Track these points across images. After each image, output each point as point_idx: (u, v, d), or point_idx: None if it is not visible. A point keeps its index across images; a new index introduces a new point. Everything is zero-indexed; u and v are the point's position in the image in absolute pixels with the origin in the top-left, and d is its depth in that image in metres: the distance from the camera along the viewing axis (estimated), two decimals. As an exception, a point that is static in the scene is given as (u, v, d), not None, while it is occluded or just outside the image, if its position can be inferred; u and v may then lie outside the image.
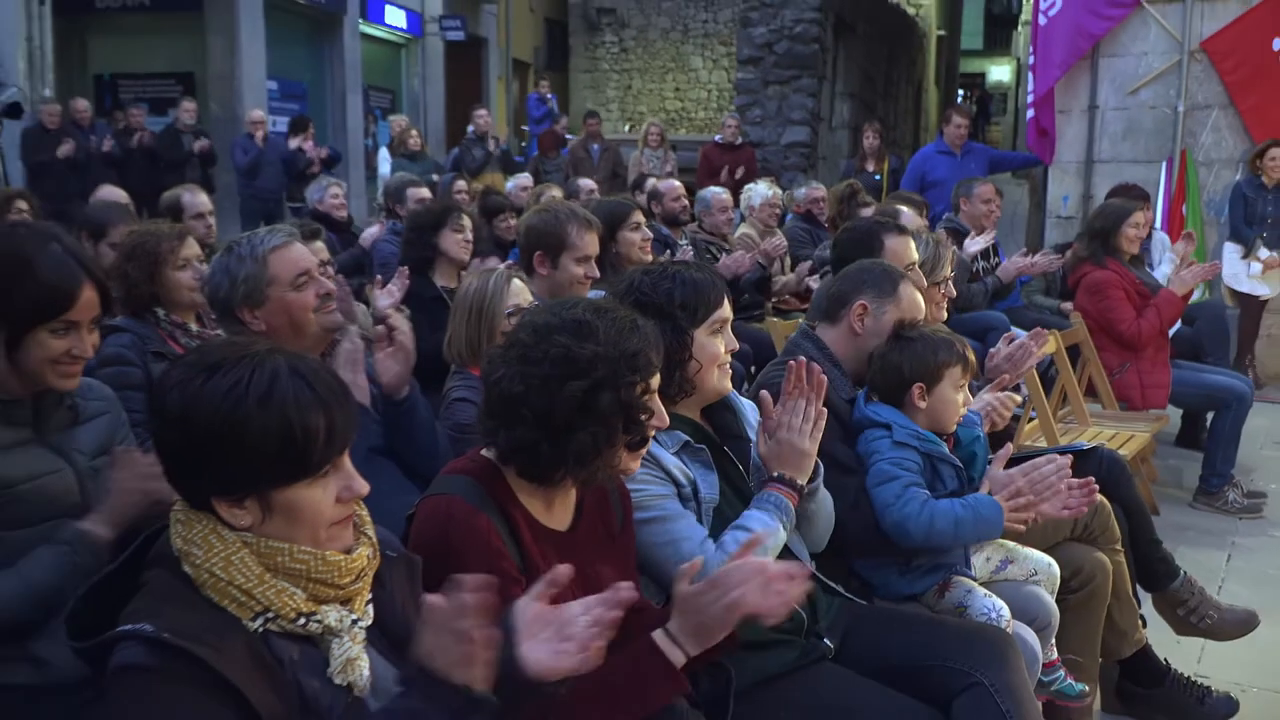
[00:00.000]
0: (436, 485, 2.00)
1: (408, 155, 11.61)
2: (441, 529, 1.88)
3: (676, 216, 6.75)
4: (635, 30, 23.55)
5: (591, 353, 1.87)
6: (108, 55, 15.83)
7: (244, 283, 2.70)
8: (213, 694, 1.39)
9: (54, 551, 2.12)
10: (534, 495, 1.99)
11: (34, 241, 2.21)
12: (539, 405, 1.87)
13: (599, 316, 1.94)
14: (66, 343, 2.17)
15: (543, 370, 1.87)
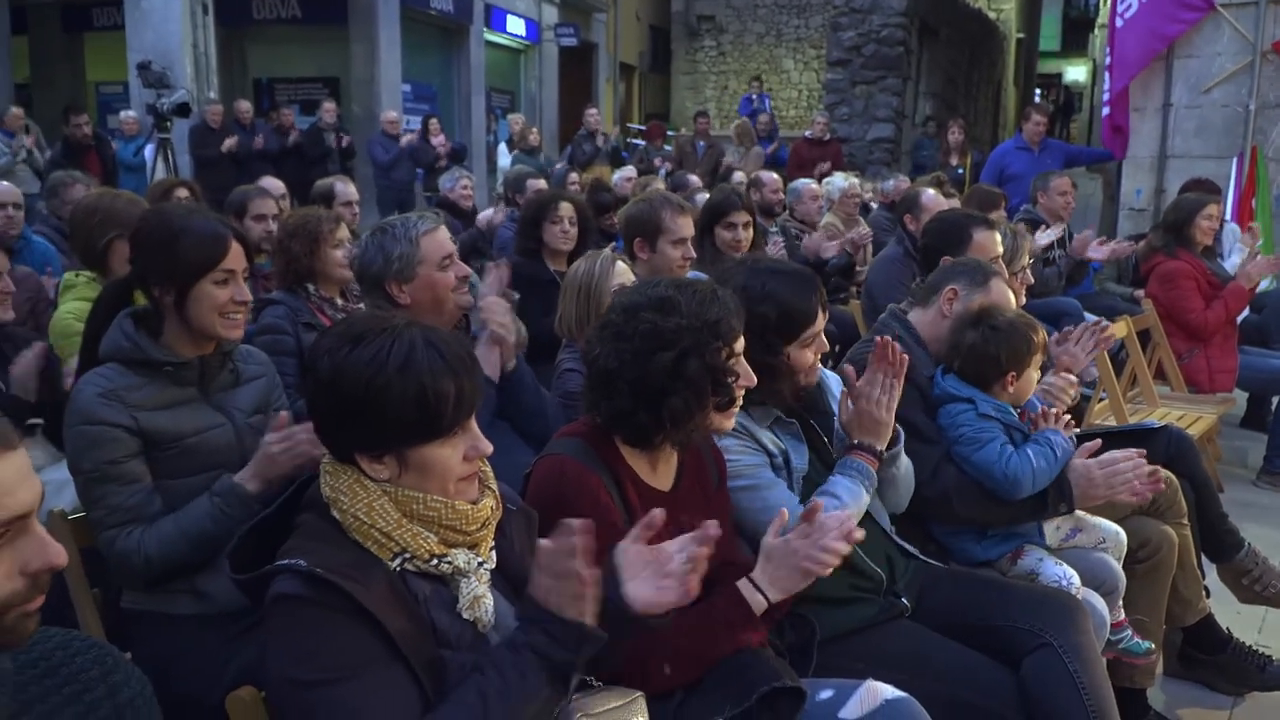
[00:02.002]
0: (552, 446, 2.02)
1: (527, 151, 11.72)
2: (556, 485, 1.91)
3: (772, 207, 6.69)
4: (732, 35, 23.34)
5: (675, 324, 1.88)
6: (264, 61, 16.25)
7: (398, 259, 2.76)
8: (357, 622, 1.43)
9: (208, 502, 2.19)
10: (639, 457, 2.01)
11: (179, 213, 2.32)
12: (633, 377, 1.89)
13: (680, 291, 1.94)
14: (228, 291, 2.25)
15: (634, 345, 1.89)
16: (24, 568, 1.12)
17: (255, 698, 1.59)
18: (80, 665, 1.30)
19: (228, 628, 2.19)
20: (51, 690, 1.26)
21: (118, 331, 2.24)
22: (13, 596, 1.12)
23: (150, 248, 2.25)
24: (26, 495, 1.13)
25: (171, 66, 11.11)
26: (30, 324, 3.92)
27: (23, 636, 1.15)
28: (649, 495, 1.98)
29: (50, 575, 1.15)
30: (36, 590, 1.14)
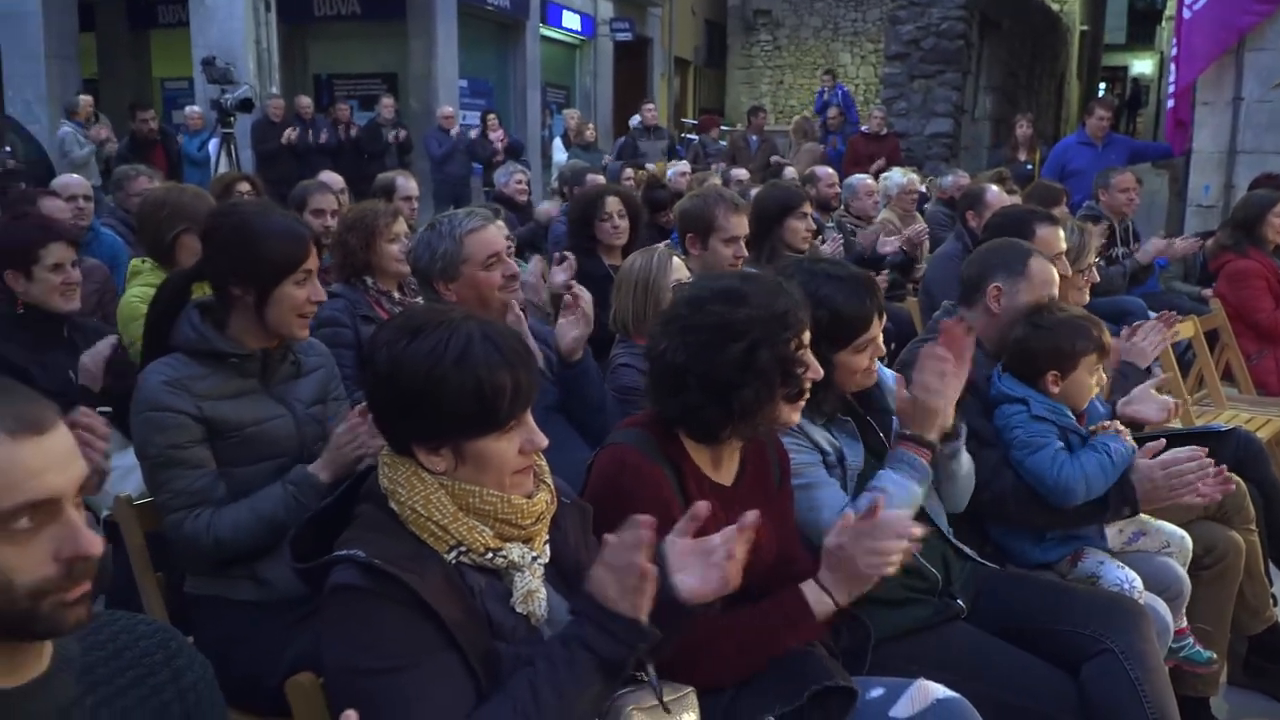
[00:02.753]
0: (614, 437, 2.02)
1: (583, 146, 11.76)
2: (617, 476, 1.91)
3: (828, 202, 6.65)
4: (789, 30, 23.18)
5: (745, 315, 1.86)
6: (324, 57, 16.48)
7: (441, 258, 2.79)
8: (414, 613, 1.44)
9: (281, 489, 2.24)
10: (701, 451, 1.99)
11: (258, 212, 2.33)
12: (702, 370, 1.86)
13: (746, 283, 1.93)
14: (306, 291, 2.28)
15: (702, 337, 1.87)
16: (56, 554, 1.12)
17: (314, 684, 1.62)
18: (145, 649, 1.33)
19: (286, 614, 2.22)
20: (117, 673, 1.28)
21: (185, 323, 2.29)
22: (45, 584, 1.12)
23: (232, 248, 2.26)
24: (57, 480, 1.12)
25: (235, 63, 11.30)
26: (98, 314, 4.03)
27: (63, 626, 1.15)
28: (711, 489, 1.97)
29: (88, 565, 1.15)
30: (72, 580, 1.13)
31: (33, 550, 1.11)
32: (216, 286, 2.32)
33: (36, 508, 1.10)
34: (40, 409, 1.14)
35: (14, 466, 1.09)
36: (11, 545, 1.10)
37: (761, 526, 1.62)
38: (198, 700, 1.35)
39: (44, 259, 3.06)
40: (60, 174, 7.56)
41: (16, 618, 1.11)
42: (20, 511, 1.09)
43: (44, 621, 1.13)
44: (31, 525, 1.10)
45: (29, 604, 1.11)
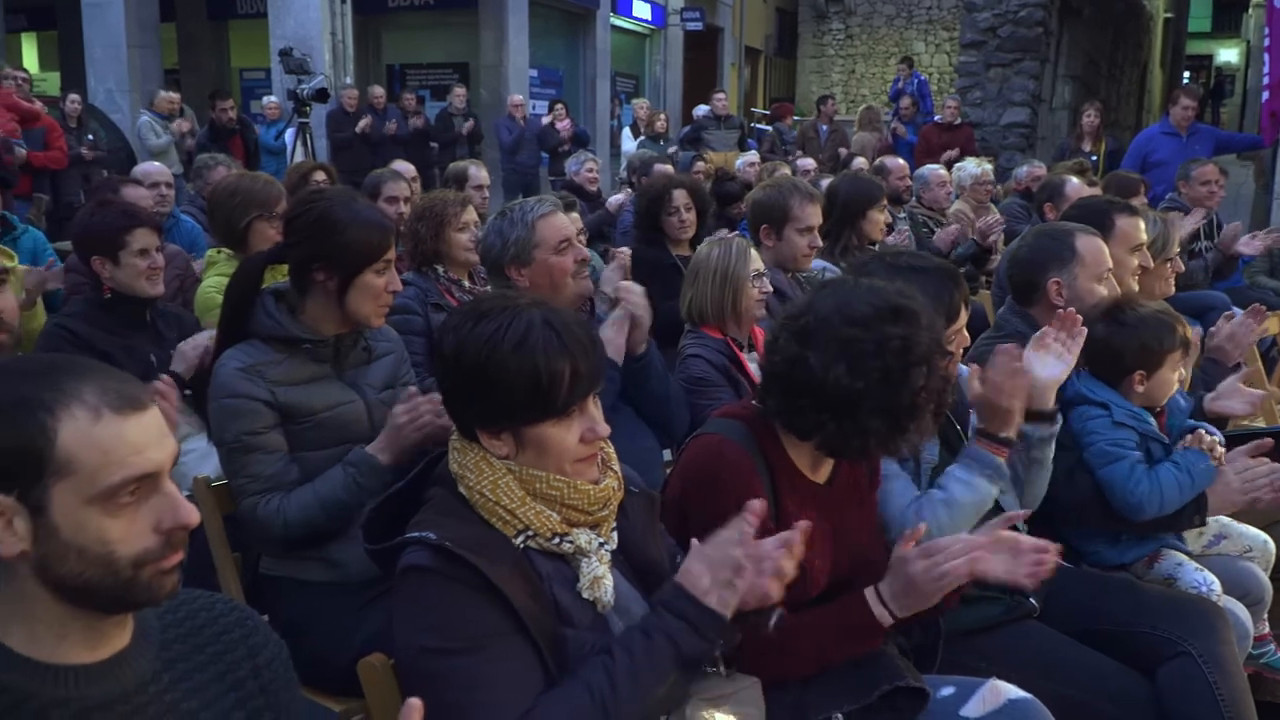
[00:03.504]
0: (712, 424, 2.00)
1: (653, 136, 11.75)
2: (712, 464, 1.90)
3: (899, 194, 6.55)
4: (861, 18, 22.90)
5: (928, 339, 1.77)
6: (397, 48, 16.70)
7: (514, 244, 2.81)
8: (484, 596, 1.46)
9: (343, 472, 2.27)
10: (800, 450, 1.96)
11: (340, 201, 2.36)
12: (883, 398, 1.75)
13: (906, 299, 1.81)
14: (385, 280, 2.32)
15: (882, 362, 1.74)
16: (156, 525, 1.16)
17: (385, 664, 1.65)
18: (223, 626, 1.36)
19: (358, 595, 2.27)
20: (195, 650, 1.32)
21: (260, 309, 2.33)
22: (146, 554, 1.16)
23: (318, 234, 2.29)
24: (157, 454, 1.16)
25: (311, 53, 11.47)
26: (178, 300, 4.13)
27: (159, 594, 1.19)
28: (803, 487, 1.95)
29: (184, 534, 1.20)
30: (170, 548, 1.18)
31: (135, 522, 1.16)
32: (297, 272, 2.35)
33: (140, 481, 1.15)
34: (139, 388, 1.19)
35: (120, 443, 1.14)
36: (116, 518, 1.14)
37: (816, 537, 1.60)
38: (272, 678, 1.38)
39: (130, 244, 3.14)
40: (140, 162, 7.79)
41: (118, 587, 1.16)
42: (125, 485, 1.14)
43: (143, 590, 1.18)
44: (134, 498, 1.15)
45: (130, 573, 1.15)
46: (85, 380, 1.15)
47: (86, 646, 1.19)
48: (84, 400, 1.13)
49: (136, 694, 1.22)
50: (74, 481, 1.12)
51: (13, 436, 1.11)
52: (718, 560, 1.48)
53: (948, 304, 2.18)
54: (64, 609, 1.17)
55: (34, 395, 1.12)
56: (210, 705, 1.30)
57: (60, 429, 1.11)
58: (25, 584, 1.15)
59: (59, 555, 1.13)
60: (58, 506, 1.12)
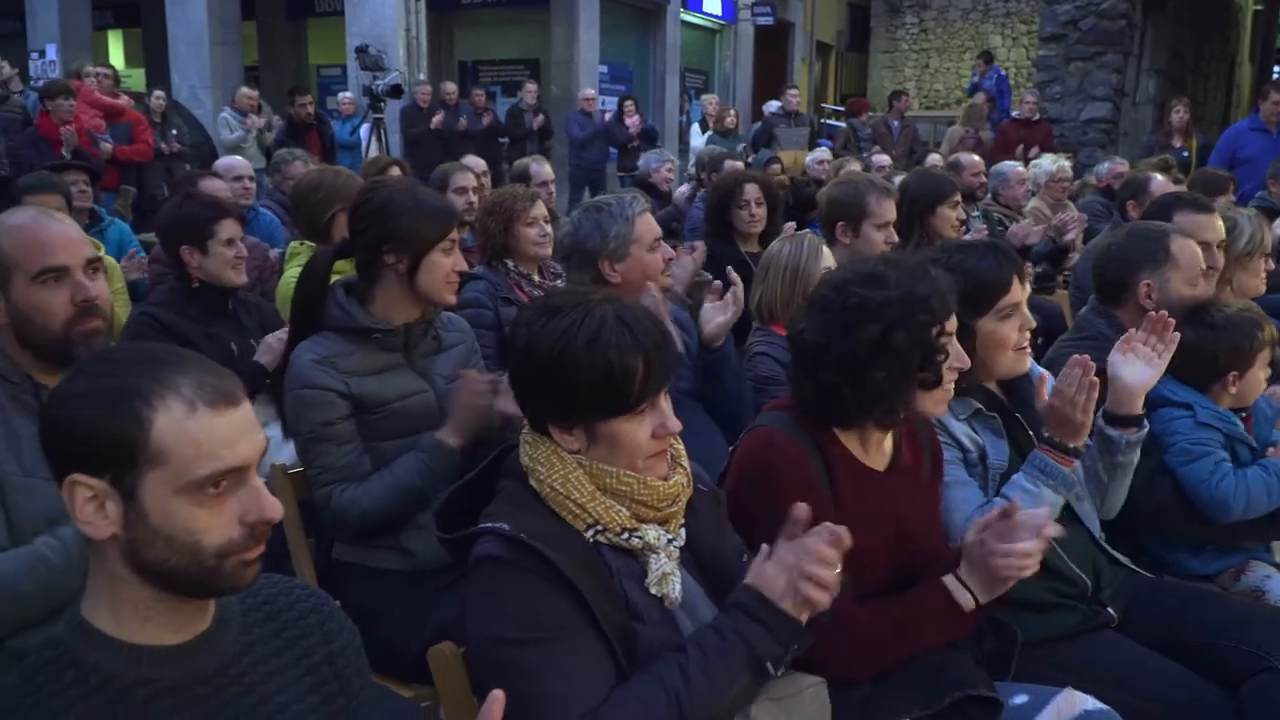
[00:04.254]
0: (761, 419, 2.01)
1: (722, 132, 11.70)
2: (763, 456, 1.89)
3: (973, 191, 6.43)
4: (936, 11, 22.52)
5: (884, 298, 1.84)
6: (470, 44, 16.87)
7: (614, 238, 2.83)
8: (555, 587, 1.47)
9: (415, 457, 2.31)
10: (851, 436, 1.96)
11: (402, 189, 2.43)
12: (838, 350, 1.85)
13: (890, 266, 1.90)
14: (451, 260, 2.38)
15: (842, 319, 1.85)
16: (242, 517, 1.19)
17: (455, 653, 1.66)
18: (299, 612, 1.39)
19: (429, 584, 2.30)
20: (272, 634, 1.35)
21: (332, 301, 2.38)
22: (230, 545, 1.19)
23: (387, 219, 2.36)
24: (246, 448, 1.19)
25: (386, 50, 11.65)
26: (257, 290, 4.22)
27: (240, 584, 1.22)
28: (861, 474, 1.93)
29: (267, 528, 1.22)
30: (253, 540, 1.21)
31: (222, 514, 1.18)
32: (365, 260, 2.40)
33: (228, 475, 1.18)
34: (233, 382, 1.22)
35: (212, 437, 1.17)
36: (203, 508, 1.17)
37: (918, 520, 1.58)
38: (346, 665, 1.41)
39: (218, 234, 3.23)
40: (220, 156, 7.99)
41: (202, 575, 1.19)
42: (214, 478, 1.17)
43: (226, 579, 1.21)
44: (222, 490, 1.18)
45: (215, 563, 1.18)
46: (183, 373, 1.18)
47: (170, 629, 1.23)
48: (180, 393, 1.16)
49: (216, 676, 1.25)
50: (165, 472, 1.15)
51: (110, 423, 1.14)
52: (794, 565, 1.48)
53: (996, 274, 2.19)
54: (149, 592, 1.20)
55: (133, 384, 1.15)
56: (286, 689, 1.32)
57: (156, 420, 1.14)
58: (114, 566, 1.19)
59: (147, 541, 1.16)
60: (148, 494, 1.15)
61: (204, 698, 1.23)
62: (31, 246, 1.85)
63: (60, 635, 1.20)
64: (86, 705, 1.15)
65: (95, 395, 1.15)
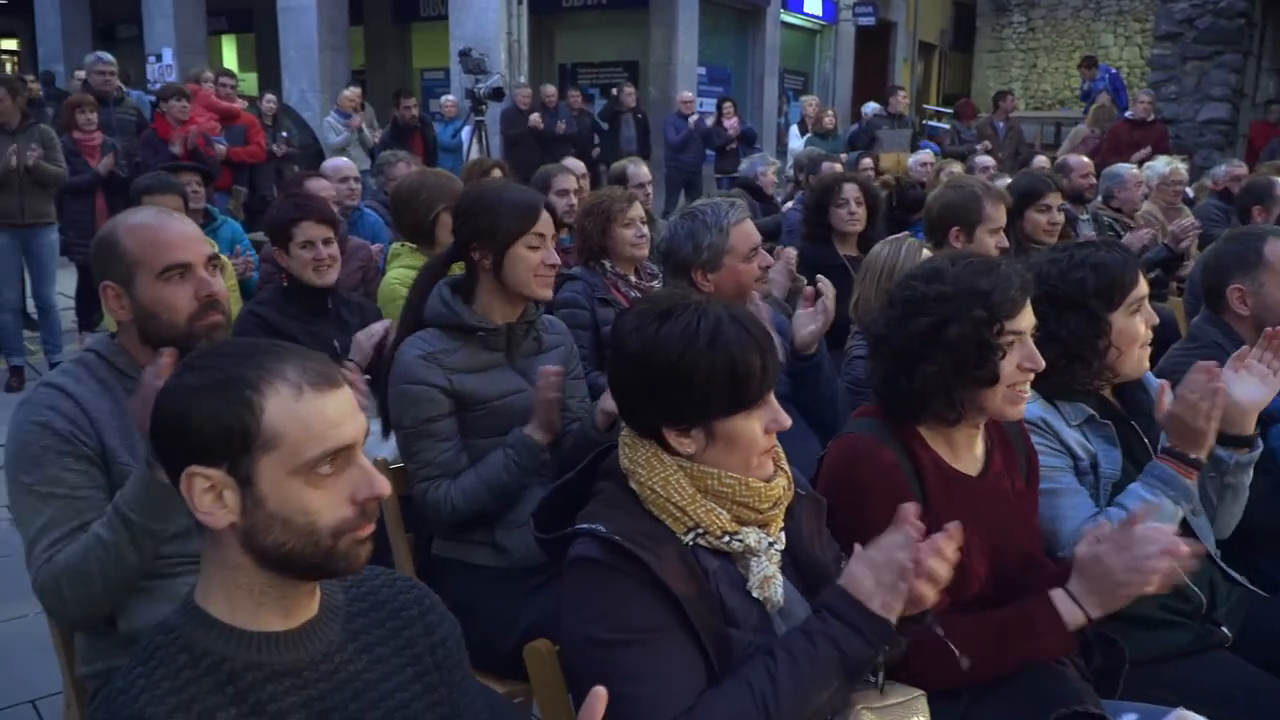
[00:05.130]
0: (848, 425, 2.01)
1: (821, 134, 11.58)
2: (849, 463, 1.88)
3: (1082, 193, 6.24)
4: (1045, 10, 21.92)
5: (938, 291, 1.85)
6: (569, 47, 17.05)
7: (707, 249, 2.83)
8: (649, 590, 1.47)
9: (502, 454, 2.35)
10: (939, 438, 1.94)
11: (496, 186, 2.50)
12: (895, 341, 1.88)
13: (954, 263, 1.90)
14: (539, 255, 2.40)
15: (898, 310, 1.90)
16: (353, 496, 1.22)
17: (550, 650, 1.68)
18: (403, 603, 1.42)
19: (523, 581, 2.33)
20: (376, 623, 1.38)
21: (437, 298, 2.43)
22: (344, 523, 1.22)
23: (472, 215, 2.42)
24: (351, 428, 1.23)
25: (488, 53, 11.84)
26: (361, 290, 4.33)
27: (356, 563, 1.25)
28: (952, 479, 1.90)
29: (376, 505, 1.26)
30: (365, 518, 1.24)
31: (334, 493, 1.22)
32: (464, 258, 2.45)
33: (338, 454, 1.21)
34: (332, 368, 1.26)
35: (320, 417, 1.21)
36: (317, 489, 1.21)
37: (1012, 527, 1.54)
38: (446, 656, 1.43)
39: (297, 236, 3.31)
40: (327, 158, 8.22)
41: (319, 556, 1.22)
42: (325, 458, 1.20)
43: (341, 559, 1.24)
44: (332, 470, 1.22)
45: (330, 542, 1.22)
46: (286, 361, 1.22)
47: (281, 615, 1.27)
48: (286, 378, 1.20)
49: (323, 662, 1.29)
50: (279, 455, 1.19)
51: (223, 412, 1.18)
52: (882, 564, 1.46)
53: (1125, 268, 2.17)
54: (264, 578, 1.24)
55: (240, 374, 1.20)
56: (390, 677, 1.35)
57: (266, 405, 1.18)
58: (230, 554, 1.23)
59: (265, 526, 1.20)
60: (264, 479, 1.19)
61: (311, 683, 1.27)
62: (155, 244, 1.91)
63: (173, 620, 1.25)
64: (198, 688, 1.19)
65: (206, 387, 1.19)
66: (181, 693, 1.18)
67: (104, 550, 1.78)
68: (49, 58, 16.19)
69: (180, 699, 1.17)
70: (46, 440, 1.84)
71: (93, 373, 1.95)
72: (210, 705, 1.18)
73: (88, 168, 6.97)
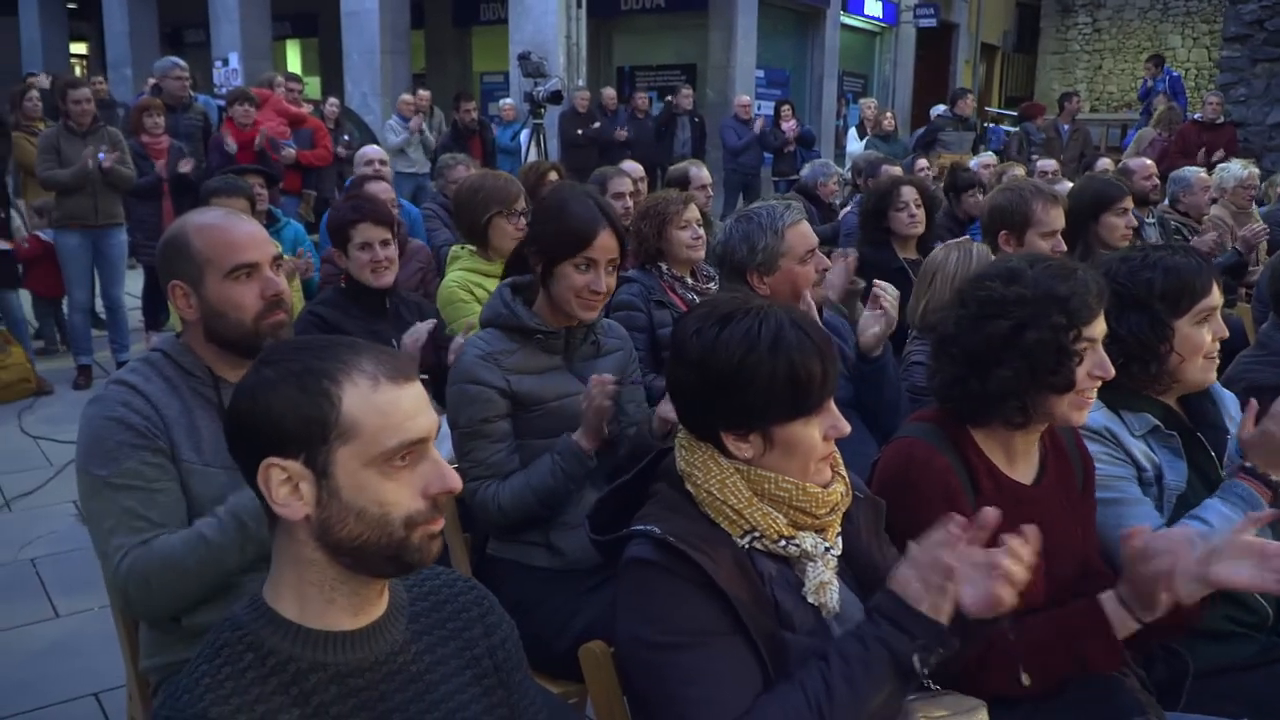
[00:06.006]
0: (902, 430, 1.98)
1: (881, 136, 11.47)
2: (903, 468, 1.87)
3: (1146, 195, 6.11)
4: (1111, 10, 21.53)
5: (1016, 294, 1.82)
6: (628, 50, 17.10)
7: (762, 251, 2.80)
8: (704, 593, 1.46)
9: (550, 459, 2.35)
10: (995, 445, 1.91)
11: (570, 194, 2.46)
12: (967, 343, 1.85)
13: (1032, 265, 1.87)
14: (587, 278, 2.36)
15: (971, 311, 1.86)
16: (425, 489, 1.23)
17: (605, 651, 1.69)
18: (463, 604, 1.44)
19: (578, 583, 2.33)
20: (438, 624, 1.39)
21: (497, 299, 2.45)
22: (416, 515, 1.23)
23: (536, 220, 2.43)
24: (425, 421, 1.24)
25: (547, 57, 11.92)
26: (420, 291, 4.39)
27: (428, 557, 1.26)
28: (1007, 487, 1.88)
29: (447, 499, 1.26)
30: (436, 512, 1.25)
31: (407, 486, 1.23)
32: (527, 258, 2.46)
33: (412, 446, 1.23)
34: (405, 361, 1.28)
35: (397, 409, 1.22)
36: (391, 481, 1.22)
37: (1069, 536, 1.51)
38: (505, 658, 1.44)
39: (355, 237, 3.36)
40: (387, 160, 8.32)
41: (392, 548, 1.23)
42: (400, 449, 1.22)
43: (415, 552, 1.24)
44: (406, 463, 1.23)
45: (403, 534, 1.23)
46: (362, 354, 1.24)
47: (350, 613, 1.28)
48: (363, 369, 1.22)
49: (387, 661, 1.30)
50: (356, 445, 1.20)
51: (302, 403, 1.20)
52: (926, 564, 1.44)
53: (1197, 275, 2.11)
54: (336, 573, 1.25)
55: (319, 366, 1.21)
56: (450, 679, 1.36)
57: (344, 395, 1.20)
58: (304, 549, 1.24)
59: (339, 518, 1.21)
60: (340, 469, 1.20)
61: (374, 684, 1.27)
62: (223, 245, 1.94)
63: (241, 617, 1.25)
64: (262, 689, 1.19)
65: (284, 379, 1.21)
66: (245, 693, 1.18)
67: (207, 550, 1.83)
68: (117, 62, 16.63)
69: (244, 699, 1.18)
70: (122, 435, 1.88)
71: (159, 371, 1.99)
72: (274, 707, 1.19)
73: (154, 171, 7.13)
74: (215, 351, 1.99)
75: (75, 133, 6.52)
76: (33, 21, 18.02)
